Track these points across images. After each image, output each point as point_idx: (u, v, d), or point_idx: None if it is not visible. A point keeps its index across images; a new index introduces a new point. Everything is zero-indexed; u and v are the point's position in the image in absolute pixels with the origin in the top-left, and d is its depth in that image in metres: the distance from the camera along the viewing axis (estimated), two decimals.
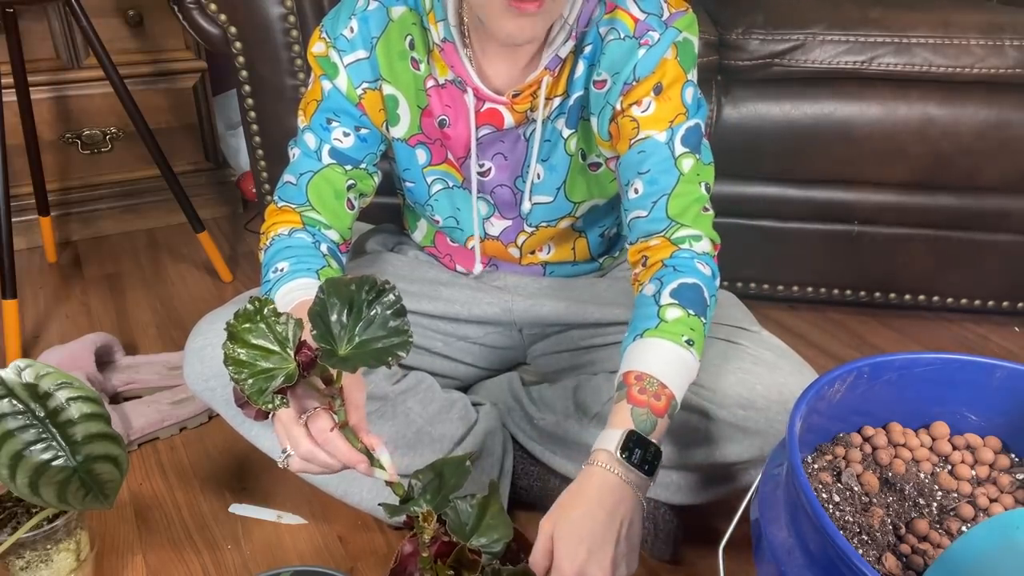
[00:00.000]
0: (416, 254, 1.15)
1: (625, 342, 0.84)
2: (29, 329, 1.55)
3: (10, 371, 0.84)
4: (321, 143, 0.93)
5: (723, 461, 0.94)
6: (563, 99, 0.92)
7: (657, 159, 0.87)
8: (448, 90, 0.92)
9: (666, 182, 0.87)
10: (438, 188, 1.01)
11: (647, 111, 0.88)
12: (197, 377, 0.95)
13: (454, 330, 1.10)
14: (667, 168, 0.87)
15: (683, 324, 0.81)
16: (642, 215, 0.89)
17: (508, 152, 0.96)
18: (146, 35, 1.82)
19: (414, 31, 0.91)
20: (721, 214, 1.51)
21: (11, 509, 0.92)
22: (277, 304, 0.83)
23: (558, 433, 1.02)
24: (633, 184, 0.89)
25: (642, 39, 0.86)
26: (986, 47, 1.36)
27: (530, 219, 1.01)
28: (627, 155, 0.89)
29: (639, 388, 0.77)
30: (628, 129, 0.89)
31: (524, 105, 0.91)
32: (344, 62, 0.92)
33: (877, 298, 1.58)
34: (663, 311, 0.82)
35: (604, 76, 0.89)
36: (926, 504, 0.67)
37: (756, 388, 0.92)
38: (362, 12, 0.91)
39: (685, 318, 0.81)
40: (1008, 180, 1.43)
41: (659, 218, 0.88)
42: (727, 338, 0.97)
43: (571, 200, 0.99)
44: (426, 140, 0.97)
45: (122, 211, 1.96)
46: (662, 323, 0.81)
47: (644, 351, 0.80)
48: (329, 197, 0.93)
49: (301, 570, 0.83)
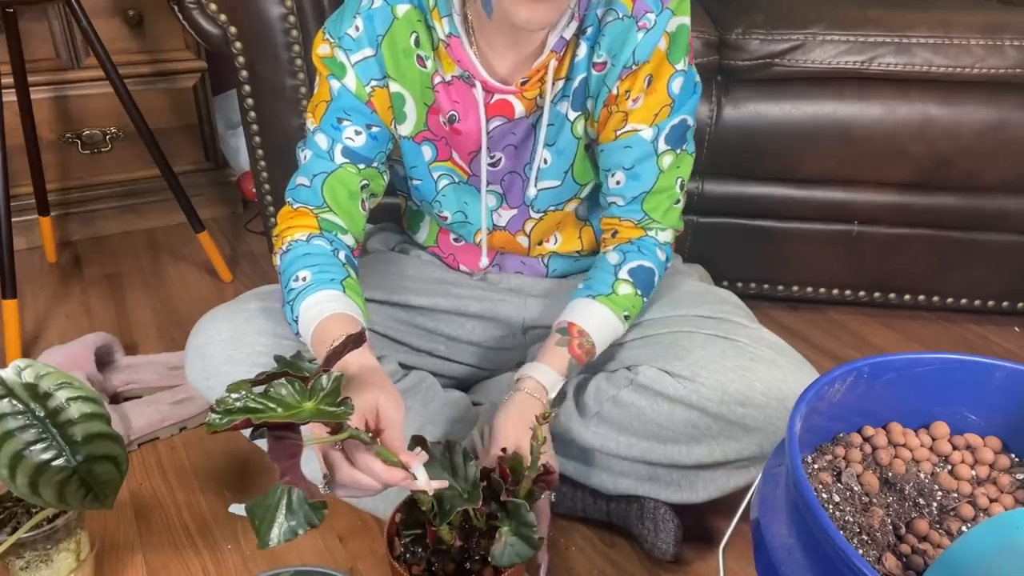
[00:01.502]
0: (419, 254, 1.15)
1: (578, 292, 0.97)
2: (29, 329, 1.55)
3: (10, 371, 0.84)
4: (333, 143, 0.93)
5: (723, 459, 0.94)
6: (566, 82, 0.92)
7: (640, 155, 0.94)
8: (456, 86, 0.93)
9: (647, 180, 0.95)
10: (445, 183, 1.01)
11: (637, 103, 0.91)
12: (198, 375, 0.95)
13: (458, 332, 1.10)
14: (649, 167, 0.95)
15: (629, 301, 0.96)
16: (619, 203, 0.98)
17: (518, 141, 0.97)
18: (146, 35, 1.82)
19: (419, 28, 0.91)
20: (721, 214, 1.54)
21: (11, 509, 0.92)
22: (301, 315, 0.84)
23: (559, 432, 1.02)
24: (615, 175, 0.96)
25: (640, 20, 0.87)
26: (986, 47, 1.36)
27: (536, 204, 1.01)
28: (612, 144, 0.94)
29: (579, 343, 0.93)
30: (616, 119, 0.93)
31: (533, 92, 0.92)
32: (351, 60, 0.91)
33: (877, 298, 1.58)
34: (617, 284, 0.96)
35: (604, 58, 0.90)
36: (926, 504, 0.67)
37: (755, 385, 0.92)
38: (367, 10, 0.90)
39: (633, 296, 0.96)
40: (1008, 180, 1.43)
41: (635, 210, 0.98)
42: (726, 335, 0.97)
43: (578, 182, 1.01)
44: (432, 137, 0.98)
45: (122, 211, 1.96)
46: (613, 294, 0.95)
47: (591, 312, 0.94)
48: (344, 198, 0.93)
49: (301, 570, 0.83)
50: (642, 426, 0.96)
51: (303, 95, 1.42)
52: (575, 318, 0.94)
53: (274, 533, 0.63)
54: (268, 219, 1.60)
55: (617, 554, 1.04)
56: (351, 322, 0.82)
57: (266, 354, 0.94)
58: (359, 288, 0.89)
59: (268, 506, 0.64)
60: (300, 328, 0.85)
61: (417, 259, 1.14)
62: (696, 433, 0.94)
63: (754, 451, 0.93)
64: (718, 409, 0.92)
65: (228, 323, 0.95)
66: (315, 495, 0.65)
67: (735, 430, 0.93)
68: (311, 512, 0.64)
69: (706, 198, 1.50)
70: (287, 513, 0.64)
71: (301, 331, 0.85)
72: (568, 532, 1.07)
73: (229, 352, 0.94)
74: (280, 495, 0.64)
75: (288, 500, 0.64)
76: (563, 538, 1.07)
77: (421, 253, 1.15)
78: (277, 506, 0.64)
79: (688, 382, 0.94)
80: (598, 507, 1.05)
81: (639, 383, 0.96)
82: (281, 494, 0.64)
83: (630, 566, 1.03)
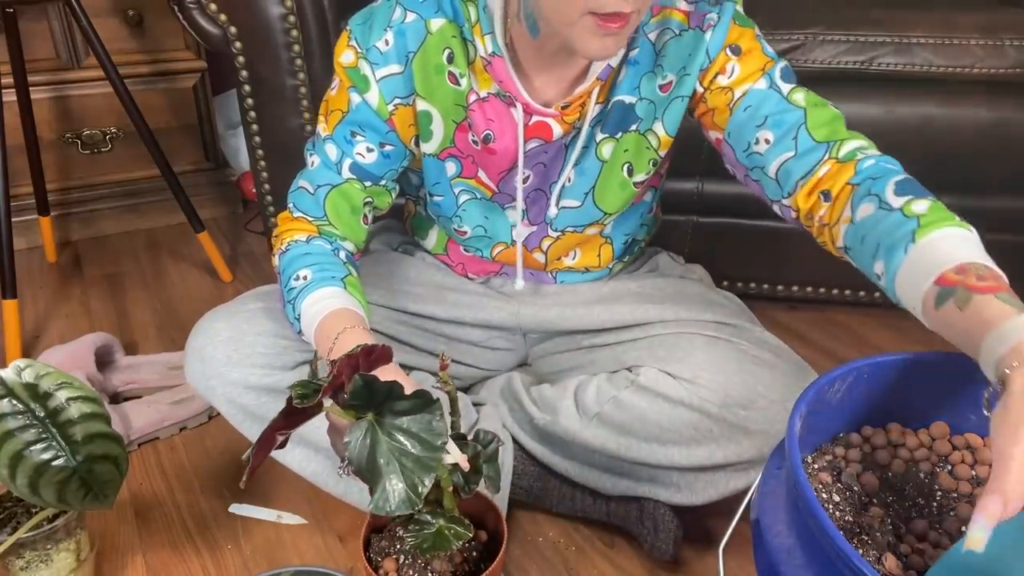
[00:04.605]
0: (423, 255, 1.14)
1: (891, 266, 0.67)
2: (29, 329, 1.55)
3: (10, 371, 0.84)
4: (343, 156, 0.92)
5: (723, 462, 0.94)
6: (603, 106, 0.91)
7: (770, 104, 0.84)
8: (491, 103, 0.90)
9: (793, 117, 0.83)
10: (466, 199, 0.99)
11: (733, 74, 0.86)
12: (198, 376, 0.95)
13: (457, 333, 1.10)
14: (784, 107, 0.84)
15: (939, 210, 0.68)
16: (789, 156, 0.82)
17: (548, 160, 0.95)
18: (146, 35, 1.82)
19: (454, 44, 0.88)
20: (721, 214, 1.54)
21: (11, 509, 0.92)
22: (303, 313, 0.83)
23: (558, 433, 1.02)
24: (758, 138, 0.84)
25: (704, 25, 0.86)
26: (986, 47, 1.36)
27: (555, 224, 1.00)
28: (734, 119, 0.86)
29: (976, 276, 0.61)
30: (721, 98, 0.87)
31: (573, 116, 0.90)
32: (377, 76, 0.89)
33: (877, 298, 1.58)
34: (908, 208, 0.69)
35: (670, 78, 0.89)
36: (926, 504, 0.67)
37: (757, 388, 0.92)
38: (399, 25, 0.87)
39: (933, 205, 0.69)
40: (1008, 180, 1.43)
41: (811, 147, 0.81)
42: (728, 338, 0.97)
43: (600, 208, 0.98)
44: (458, 154, 0.95)
45: (122, 211, 1.96)
46: (921, 218, 0.67)
47: (932, 252, 0.65)
48: (346, 212, 0.92)
49: (301, 570, 0.83)
50: (643, 427, 0.96)
51: (303, 95, 1.42)
52: (935, 271, 0.63)
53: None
54: (268, 219, 1.60)
55: (617, 554, 1.04)
56: (354, 318, 0.82)
57: (266, 355, 0.94)
58: (360, 286, 0.89)
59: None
60: (302, 326, 0.85)
61: (421, 261, 1.13)
62: (697, 435, 0.94)
63: (754, 454, 0.93)
64: (719, 412, 0.92)
65: (227, 324, 0.95)
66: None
67: (736, 433, 0.93)
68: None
69: (706, 198, 1.49)
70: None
71: (303, 329, 0.85)
72: (568, 532, 1.07)
73: (229, 353, 0.93)
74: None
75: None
76: (563, 538, 1.07)
77: (425, 255, 1.14)
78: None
79: (690, 384, 0.94)
80: (598, 507, 1.05)
81: (640, 384, 0.96)
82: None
83: (630, 566, 1.03)
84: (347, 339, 0.78)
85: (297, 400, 0.62)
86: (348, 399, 0.64)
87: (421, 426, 0.65)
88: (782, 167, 0.83)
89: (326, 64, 1.42)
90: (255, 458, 0.63)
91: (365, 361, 0.67)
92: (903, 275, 0.67)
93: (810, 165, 0.81)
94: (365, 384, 0.63)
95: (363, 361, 0.66)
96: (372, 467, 0.64)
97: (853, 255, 0.76)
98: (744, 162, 0.87)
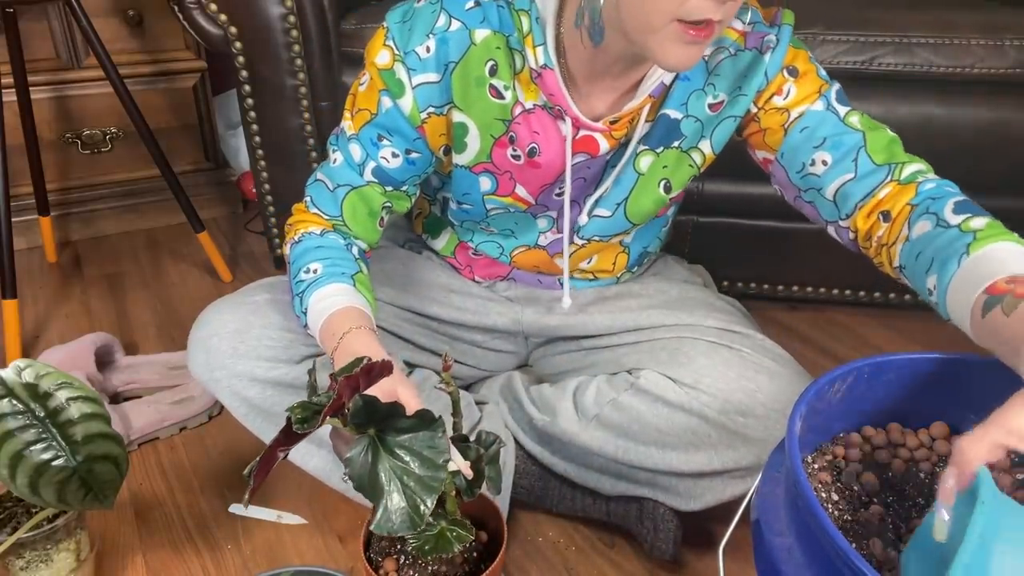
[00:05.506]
0: (430, 255, 1.13)
1: (944, 278, 0.66)
2: (29, 329, 1.55)
3: (10, 371, 0.84)
4: (367, 158, 0.90)
5: (721, 468, 0.94)
6: (651, 123, 0.89)
7: (827, 126, 0.84)
8: (537, 115, 0.87)
9: (852, 139, 0.82)
10: (498, 213, 0.98)
11: (790, 95, 0.86)
12: (203, 367, 0.94)
13: (459, 334, 1.10)
14: (842, 129, 0.83)
15: (997, 226, 0.68)
16: (849, 177, 0.81)
17: (590, 175, 0.93)
18: (146, 35, 1.82)
19: (498, 55, 0.84)
20: (721, 214, 1.54)
21: (11, 509, 0.92)
22: (311, 308, 0.83)
23: (557, 434, 1.02)
24: (814, 159, 0.83)
25: (762, 47, 0.85)
26: (986, 47, 1.36)
27: (584, 232, 0.98)
28: (789, 140, 0.86)
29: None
30: (776, 119, 0.86)
31: (621, 132, 0.88)
32: (413, 82, 0.85)
33: (877, 298, 1.58)
34: (966, 225, 0.69)
35: (721, 97, 0.87)
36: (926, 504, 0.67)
37: (757, 396, 0.92)
38: (442, 32, 0.83)
39: (992, 222, 0.69)
40: (1008, 180, 1.43)
41: (872, 170, 0.80)
42: (729, 344, 0.97)
43: (629, 219, 0.97)
44: (494, 170, 0.93)
45: (122, 211, 1.96)
46: (977, 232, 0.67)
47: (986, 263, 0.64)
48: (363, 215, 0.91)
49: (301, 570, 0.83)
50: (641, 430, 0.96)
51: (303, 95, 1.42)
52: (986, 280, 0.63)
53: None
54: (268, 219, 1.60)
55: (617, 554, 1.04)
56: (360, 317, 0.82)
57: (272, 348, 0.93)
58: (370, 283, 0.89)
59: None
60: (308, 320, 0.84)
61: (428, 260, 1.12)
62: (695, 440, 0.94)
63: (752, 461, 0.93)
64: (718, 417, 0.92)
65: (233, 315, 0.95)
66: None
67: (735, 439, 0.92)
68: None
69: (706, 198, 1.49)
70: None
71: (309, 323, 0.84)
72: (568, 532, 1.07)
73: (235, 344, 0.93)
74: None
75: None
76: (563, 538, 1.07)
77: (432, 255, 1.13)
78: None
79: (690, 389, 0.94)
80: (598, 507, 1.05)
81: (640, 387, 0.96)
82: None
83: (630, 566, 1.03)
84: (351, 339, 0.78)
85: (297, 426, 0.61)
86: (349, 419, 0.64)
87: (423, 443, 0.65)
88: (841, 189, 0.82)
89: (326, 64, 1.42)
90: (256, 478, 0.62)
91: (365, 380, 0.66)
92: (955, 286, 0.66)
93: (871, 187, 0.80)
94: (365, 405, 0.63)
95: (363, 381, 0.65)
96: (374, 484, 0.64)
97: (907, 273, 0.75)
98: (797, 183, 0.86)
